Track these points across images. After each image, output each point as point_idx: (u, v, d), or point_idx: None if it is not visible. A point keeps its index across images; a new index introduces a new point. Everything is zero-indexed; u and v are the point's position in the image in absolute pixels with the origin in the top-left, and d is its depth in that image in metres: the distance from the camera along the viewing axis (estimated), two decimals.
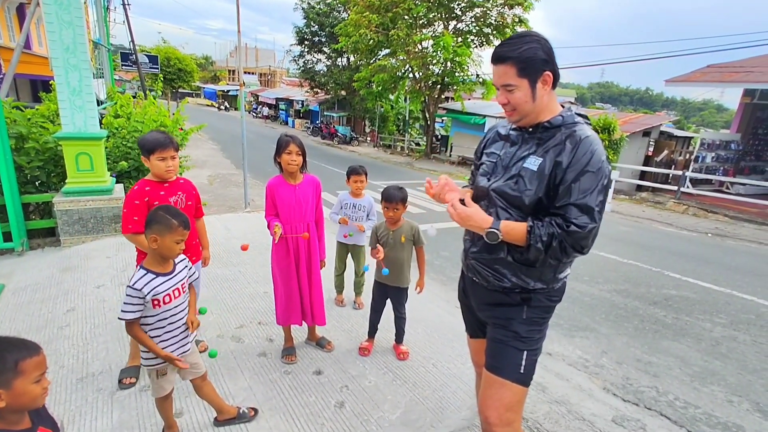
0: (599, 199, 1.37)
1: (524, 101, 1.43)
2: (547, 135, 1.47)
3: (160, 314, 1.86)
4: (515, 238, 1.42)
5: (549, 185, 1.41)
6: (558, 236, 1.36)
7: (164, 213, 1.85)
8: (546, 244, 1.37)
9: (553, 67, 1.41)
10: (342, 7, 24.95)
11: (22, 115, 4.90)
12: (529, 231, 1.39)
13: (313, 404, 2.46)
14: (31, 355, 1.25)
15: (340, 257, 3.76)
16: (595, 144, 1.39)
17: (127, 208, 2.26)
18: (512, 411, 1.54)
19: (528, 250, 1.42)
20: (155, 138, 2.29)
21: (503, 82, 1.43)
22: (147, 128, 5.72)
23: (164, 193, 2.34)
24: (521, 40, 1.40)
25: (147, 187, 2.31)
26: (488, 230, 1.43)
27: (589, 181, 1.36)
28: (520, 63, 1.38)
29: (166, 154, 2.29)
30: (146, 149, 2.28)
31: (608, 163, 1.42)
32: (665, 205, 11.38)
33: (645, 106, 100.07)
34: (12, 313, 3.29)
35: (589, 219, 1.35)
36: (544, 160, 1.43)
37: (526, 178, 1.45)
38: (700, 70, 13.28)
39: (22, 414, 1.27)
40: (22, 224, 4.61)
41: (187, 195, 2.48)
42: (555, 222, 1.38)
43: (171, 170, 2.34)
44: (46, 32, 4.32)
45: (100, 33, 10.49)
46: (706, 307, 4.66)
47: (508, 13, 17.59)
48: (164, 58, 29.11)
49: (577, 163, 1.36)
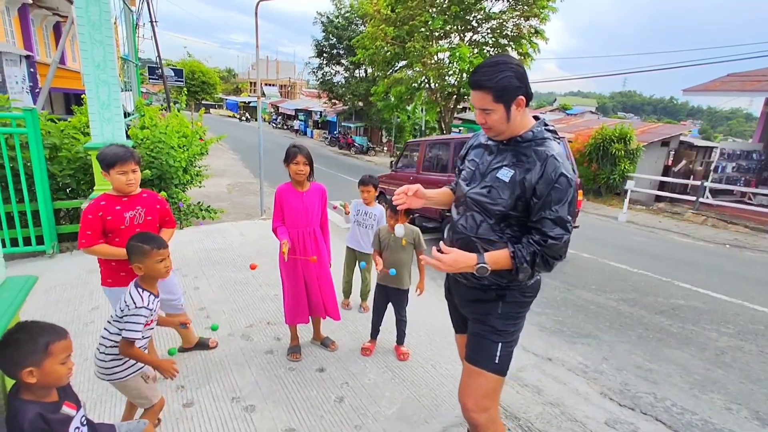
0: (569, 209, 1.52)
1: (500, 123, 1.58)
2: (518, 148, 1.61)
3: (145, 333, 1.92)
4: (502, 266, 1.57)
5: (518, 198, 1.56)
6: (539, 252, 1.53)
7: (135, 242, 1.91)
8: (531, 263, 1.54)
9: (526, 90, 1.55)
10: (360, 20, 25.48)
11: (55, 127, 5.26)
12: (512, 257, 1.55)
13: (314, 398, 2.62)
14: (59, 339, 1.45)
15: (348, 264, 3.93)
16: (559, 161, 1.53)
17: (82, 222, 2.20)
18: (488, 398, 1.67)
19: (517, 272, 1.57)
20: (114, 152, 2.21)
21: (481, 106, 1.58)
22: (170, 139, 6.04)
23: (120, 208, 2.27)
24: (497, 68, 1.52)
25: (102, 202, 2.24)
26: (477, 266, 1.55)
27: (558, 194, 1.50)
28: (496, 91, 1.53)
29: (126, 167, 2.22)
30: (105, 163, 2.20)
31: (574, 175, 1.55)
32: (683, 216, 11.20)
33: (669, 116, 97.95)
34: (43, 310, 3.55)
35: (563, 230, 1.51)
36: (515, 172, 1.57)
37: (498, 189, 1.59)
38: (720, 78, 13.10)
39: (50, 389, 1.46)
40: (54, 229, 4.94)
41: (147, 209, 2.39)
42: (533, 240, 1.55)
43: (132, 183, 2.28)
44: (79, 50, 4.67)
45: (128, 49, 11.05)
46: (714, 317, 4.64)
47: (525, 24, 17.68)
48: (189, 71, 30.20)
49: (546, 180, 1.51)
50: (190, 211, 6.38)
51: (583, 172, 13.48)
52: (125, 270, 2.30)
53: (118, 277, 2.32)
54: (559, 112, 41.92)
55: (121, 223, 2.27)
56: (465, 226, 1.70)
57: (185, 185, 6.38)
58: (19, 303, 1.55)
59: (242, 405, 2.52)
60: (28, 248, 4.78)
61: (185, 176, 6.23)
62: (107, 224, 2.24)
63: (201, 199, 7.50)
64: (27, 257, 4.87)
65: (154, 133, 5.70)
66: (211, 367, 2.88)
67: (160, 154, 5.54)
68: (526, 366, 3.30)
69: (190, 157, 6.23)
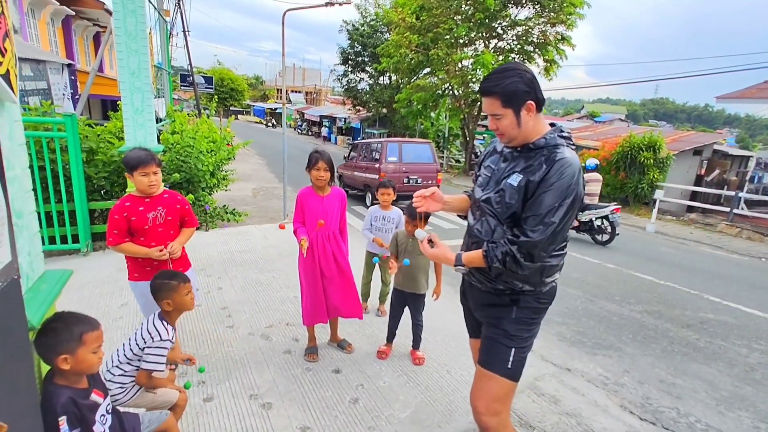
0: (560, 215, 1.50)
1: (510, 128, 1.60)
2: (531, 155, 1.62)
3: None
4: (478, 264, 1.67)
5: (524, 201, 1.58)
6: (510, 252, 1.56)
7: (162, 280, 1.98)
8: (502, 261, 1.58)
9: (535, 96, 1.57)
10: (385, 28, 25.74)
11: (92, 131, 5.54)
12: (484, 255, 1.62)
13: (329, 398, 2.66)
14: (93, 329, 1.55)
15: (368, 266, 3.97)
16: (566, 165, 1.52)
17: (109, 222, 2.34)
18: (499, 402, 1.67)
19: (490, 269, 1.64)
20: (137, 155, 2.34)
21: (491, 111, 1.61)
22: (199, 144, 6.27)
23: (143, 209, 2.39)
24: (504, 75, 1.56)
25: (127, 203, 2.37)
26: (456, 268, 1.74)
27: (552, 197, 1.50)
28: (504, 96, 1.56)
29: (148, 170, 2.34)
30: (129, 166, 2.33)
31: (581, 185, 1.55)
32: (716, 228, 10.79)
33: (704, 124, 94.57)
34: (76, 305, 3.69)
35: (542, 232, 1.51)
36: (524, 177, 1.59)
37: (507, 193, 1.61)
38: (756, 86, 12.59)
39: (81, 376, 1.56)
40: (88, 228, 5.19)
41: (168, 209, 2.48)
42: (507, 239, 1.59)
43: (154, 185, 2.39)
44: (116, 58, 4.92)
45: (162, 57, 11.53)
46: (745, 332, 4.46)
47: (551, 31, 17.50)
48: (218, 78, 31.18)
49: (547, 181, 1.52)
50: (216, 213, 6.59)
51: (610, 180, 13.18)
52: (150, 265, 2.43)
53: (144, 271, 2.45)
54: (586, 119, 41.11)
55: (145, 224, 2.38)
56: (480, 230, 1.74)
57: (212, 188, 6.59)
58: (56, 294, 1.65)
59: (259, 402, 2.59)
60: (64, 246, 5.03)
61: (212, 180, 6.44)
62: (132, 224, 2.36)
63: (227, 202, 7.72)
64: (63, 255, 5.13)
65: (184, 138, 5.92)
66: (231, 365, 2.97)
67: (189, 158, 5.75)
68: (544, 375, 3.25)
69: (217, 161, 6.43)
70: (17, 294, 1.23)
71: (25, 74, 8.58)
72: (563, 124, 1.71)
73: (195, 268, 4.75)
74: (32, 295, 1.58)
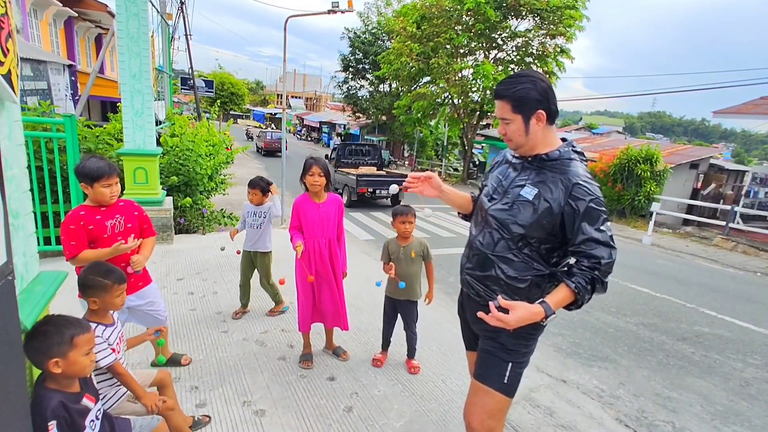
0: (607, 225, 1.53)
1: (518, 134, 1.60)
2: (543, 167, 1.62)
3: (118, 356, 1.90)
4: (568, 302, 1.53)
5: (541, 217, 1.55)
6: (597, 278, 1.50)
7: (94, 276, 1.86)
8: (591, 291, 1.51)
9: (547, 105, 1.57)
10: (386, 36, 25.95)
11: (91, 132, 5.53)
12: (576, 292, 1.49)
13: (323, 407, 2.64)
14: (84, 332, 1.53)
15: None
16: (588, 183, 1.54)
17: (65, 234, 2.18)
18: (494, 418, 1.65)
19: (581, 305, 1.54)
20: (98, 166, 2.20)
21: (501, 115, 1.62)
22: (198, 147, 6.27)
23: (100, 217, 2.27)
24: (517, 80, 1.58)
25: (82, 212, 2.23)
26: (547, 319, 1.51)
27: (595, 215, 1.51)
28: (514, 101, 1.57)
29: (111, 181, 2.24)
30: (90, 177, 2.19)
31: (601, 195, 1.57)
32: (712, 241, 10.83)
33: (701, 138, 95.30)
34: (70, 308, 3.68)
35: (610, 248, 1.51)
36: (539, 191, 1.58)
37: (520, 206, 1.60)
38: (752, 101, 12.73)
39: (73, 380, 1.54)
40: None
41: (126, 217, 2.40)
42: (584, 266, 1.51)
43: (114, 196, 2.31)
44: (117, 60, 4.93)
45: (163, 60, 11.56)
46: (741, 346, 4.46)
47: (550, 43, 17.68)
48: (219, 82, 31.24)
49: (580, 203, 1.51)
50: (213, 217, 6.56)
51: (607, 192, 13.23)
52: None
53: None
54: (584, 131, 41.37)
55: (104, 232, 2.27)
56: (482, 242, 1.71)
57: (210, 192, 6.58)
58: (50, 296, 1.64)
59: (253, 409, 2.56)
60: (59, 247, 5.00)
61: (210, 184, 6.43)
62: (90, 234, 2.23)
63: (224, 206, 7.70)
64: (58, 255, 5.09)
65: (183, 141, 5.92)
66: (225, 370, 2.94)
67: (187, 162, 5.74)
68: (539, 387, 3.24)
69: (216, 165, 6.43)
70: (11, 295, 1.22)
71: (24, 74, 8.57)
72: (571, 136, 1.72)
73: (191, 272, 4.76)
74: (26, 296, 1.56)
